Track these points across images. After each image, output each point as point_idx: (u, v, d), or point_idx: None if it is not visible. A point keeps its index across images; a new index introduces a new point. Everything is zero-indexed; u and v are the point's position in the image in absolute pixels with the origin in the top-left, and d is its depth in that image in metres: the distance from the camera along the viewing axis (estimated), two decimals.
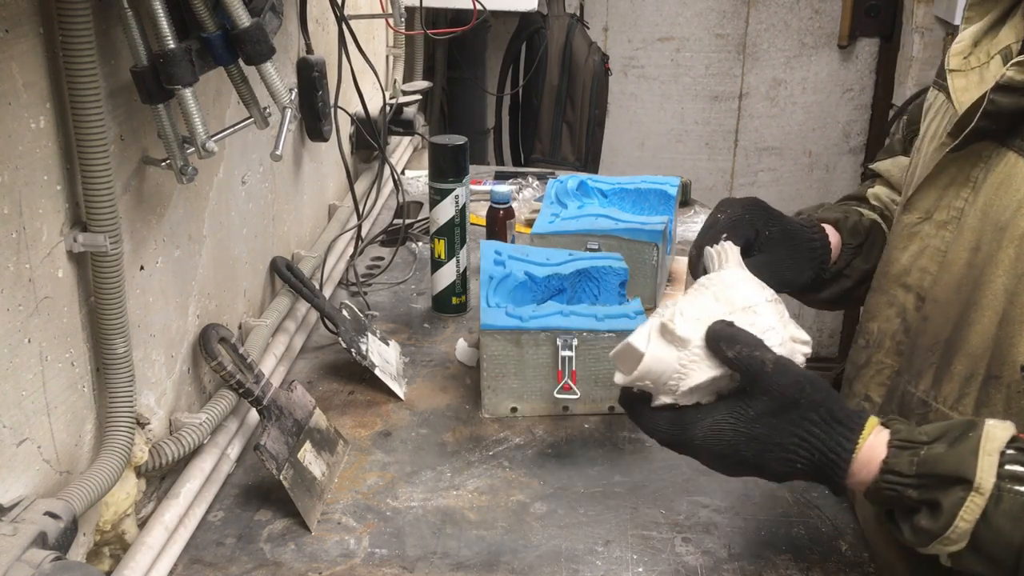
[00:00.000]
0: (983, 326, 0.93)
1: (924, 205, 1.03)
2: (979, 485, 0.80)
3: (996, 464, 0.81)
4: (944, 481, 0.82)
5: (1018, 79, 0.88)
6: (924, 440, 0.85)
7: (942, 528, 0.82)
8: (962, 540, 0.81)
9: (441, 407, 1.40)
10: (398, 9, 1.96)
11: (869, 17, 3.73)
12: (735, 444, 0.87)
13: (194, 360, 1.24)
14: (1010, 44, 0.96)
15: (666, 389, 0.92)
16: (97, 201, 0.92)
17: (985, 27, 1.00)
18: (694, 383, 0.90)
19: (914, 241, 1.05)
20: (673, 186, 1.81)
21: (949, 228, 1.00)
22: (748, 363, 0.87)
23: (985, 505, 0.80)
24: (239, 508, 1.17)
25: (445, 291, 1.66)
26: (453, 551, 1.09)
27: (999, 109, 0.90)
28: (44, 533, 0.81)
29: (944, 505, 0.81)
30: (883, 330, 1.10)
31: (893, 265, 1.08)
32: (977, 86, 0.96)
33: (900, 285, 1.07)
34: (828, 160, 3.93)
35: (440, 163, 1.60)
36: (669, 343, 0.91)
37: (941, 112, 1.05)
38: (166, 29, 0.93)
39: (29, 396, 0.88)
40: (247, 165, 1.41)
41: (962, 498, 0.81)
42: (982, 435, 0.82)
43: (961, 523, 0.81)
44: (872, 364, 1.11)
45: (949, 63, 1.00)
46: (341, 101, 1.76)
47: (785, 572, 1.06)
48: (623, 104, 3.88)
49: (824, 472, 0.87)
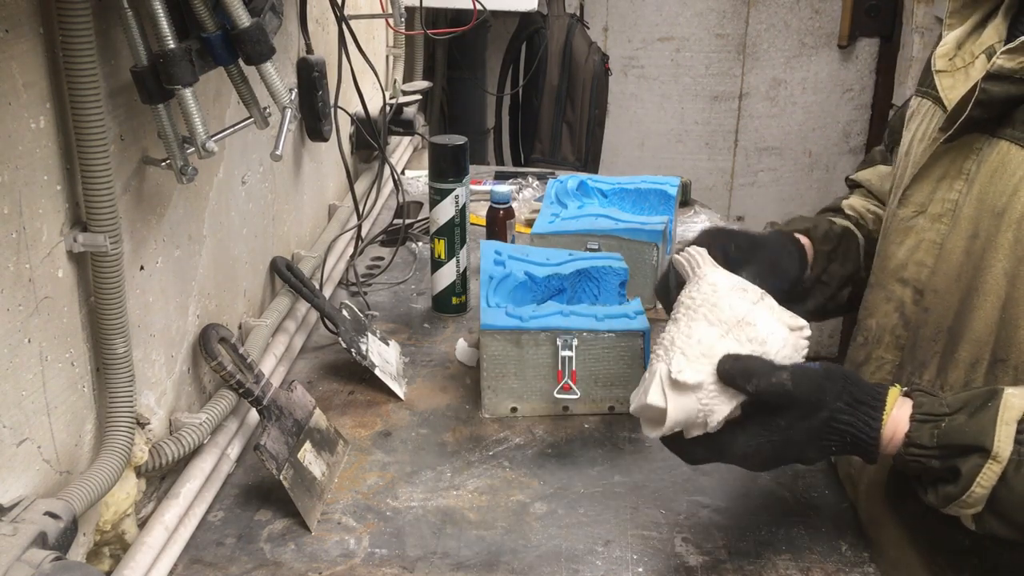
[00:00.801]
0: (986, 311, 0.95)
1: (918, 199, 1.05)
2: (996, 454, 0.84)
3: (1014, 432, 0.84)
4: (964, 450, 0.86)
5: (1008, 67, 0.90)
6: (945, 412, 0.89)
7: (960, 492, 0.86)
8: (978, 504, 0.86)
9: (441, 407, 1.40)
10: (398, 9, 1.96)
11: (869, 17, 3.73)
12: (775, 453, 0.92)
13: (194, 360, 1.24)
14: (993, 44, 0.99)
15: (696, 426, 0.94)
16: (97, 201, 0.92)
17: (968, 30, 1.04)
18: (722, 416, 0.93)
19: (909, 235, 1.06)
20: (673, 186, 1.81)
21: (944, 220, 1.01)
22: (770, 390, 0.90)
23: (1004, 470, 0.84)
24: (239, 508, 1.17)
25: (445, 291, 1.66)
26: (453, 551, 1.09)
27: (991, 98, 0.92)
28: (44, 533, 0.81)
29: (963, 471, 0.86)
30: (882, 325, 1.11)
31: (890, 260, 1.09)
32: (964, 84, 0.99)
33: (897, 280, 1.08)
34: (828, 160, 3.93)
35: (440, 163, 1.60)
36: (684, 391, 0.93)
37: (927, 116, 1.07)
38: (166, 29, 0.93)
39: (29, 396, 0.88)
40: (247, 165, 1.41)
41: (979, 465, 0.85)
42: (1001, 404, 0.86)
43: (978, 488, 0.85)
44: (872, 360, 1.12)
45: (935, 64, 1.04)
46: (341, 101, 1.76)
47: (785, 572, 1.06)
48: (623, 104, 3.88)
49: (856, 450, 0.92)
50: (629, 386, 1.34)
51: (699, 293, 0.99)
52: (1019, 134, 0.91)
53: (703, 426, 0.94)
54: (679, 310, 1.00)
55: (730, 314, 0.96)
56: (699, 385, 0.92)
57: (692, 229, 2.08)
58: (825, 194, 3.93)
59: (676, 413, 0.92)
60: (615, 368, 1.34)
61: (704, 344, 0.94)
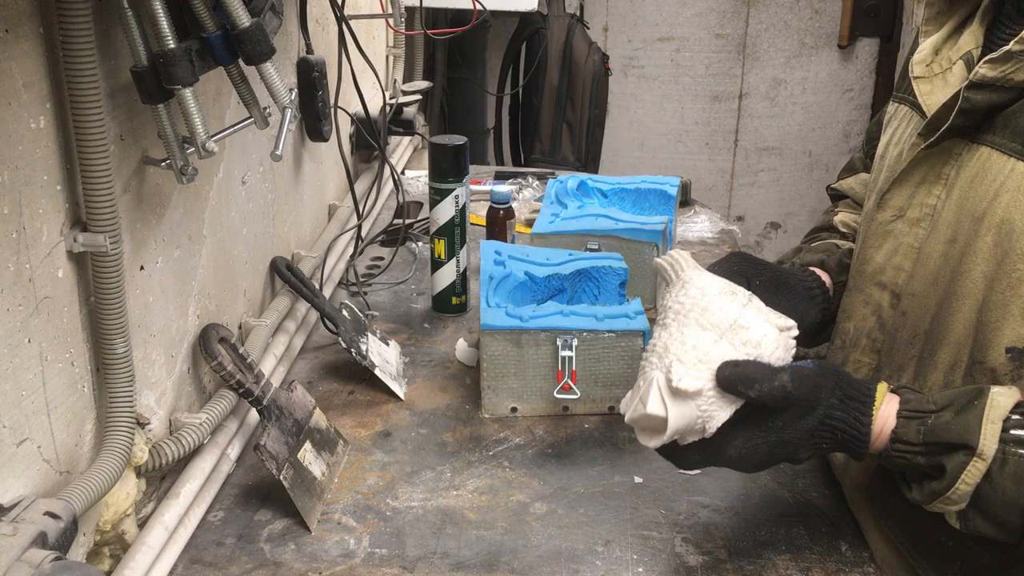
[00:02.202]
0: (963, 314, 0.95)
1: (897, 203, 1.05)
2: (982, 451, 0.85)
3: (999, 431, 0.85)
4: (950, 447, 0.87)
5: (991, 76, 0.91)
6: (932, 409, 0.90)
7: (944, 488, 0.87)
8: (963, 500, 0.86)
9: (441, 407, 1.40)
10: (398, 9, 1.96)
11: (869, 17, 3.73)
12: (770, 453, 0.93)
13: (194, 360, 1.24)
14: (970, 49, 1.01)
15: (694, 433, 0.94)
16: (97, 201, 0.92)
17: (944, 36, 1.05)
18: (720, 422, 0.93)
19: (888, 239, 1.07)
20: (673, 186, 1.81)
21: (922, 225, 1.02)
22: (772, 394, 0.91)
23: (989, 468, 0.85)
24: (239, 508, 1.17)
25: (445, 291, 1.66)
26: (453, 551, 1.09)
27: (973, 106, 0.93)
28: (44, 533, 0.81)
29: (948, 468, 0.86)
30: (859, 329, 1.12)
31: (868, 264, 1.10)
32: (942, 89, 1.01)
33: (875, 284, 1.09)
34: (828, 160, 3.93)
35: (440, 163, 1.60)
36: (684, 399, 0.92)
37: (904, 121, 1.08)
38: (166, 29, 0.93)
39: (29, 396, 0.88)
40: (247, 165, 1.41)
41: (964, 463, 0.86)
42: (987, 403, 0.87)
43: (962, 485, 0.86)
44: (849, 363, 1.13)
45: (913, 71, 1.06)
46: (341, 101, 1.76)
47: (785, 572, 1.06)
48: (623, 104, 3.88)
49: (847, 447, 0.93)
50: (629, 386, 1.34)
51: (687, 297, 0.98)
52: (1000, 140, 0.92)
53: (700, 432, 0.93)
54: (667, 315, 0.99)
55: (722, 317, 0.96)
56: (699, 392, 0.92)
57: (692, 229, 2.09)
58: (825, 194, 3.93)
59: (676, 421, 0.92)
60: (615, 368, 1.34)
61: (700, 350, 0.94)
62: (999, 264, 0.91)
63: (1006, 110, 0.92)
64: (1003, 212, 0.91)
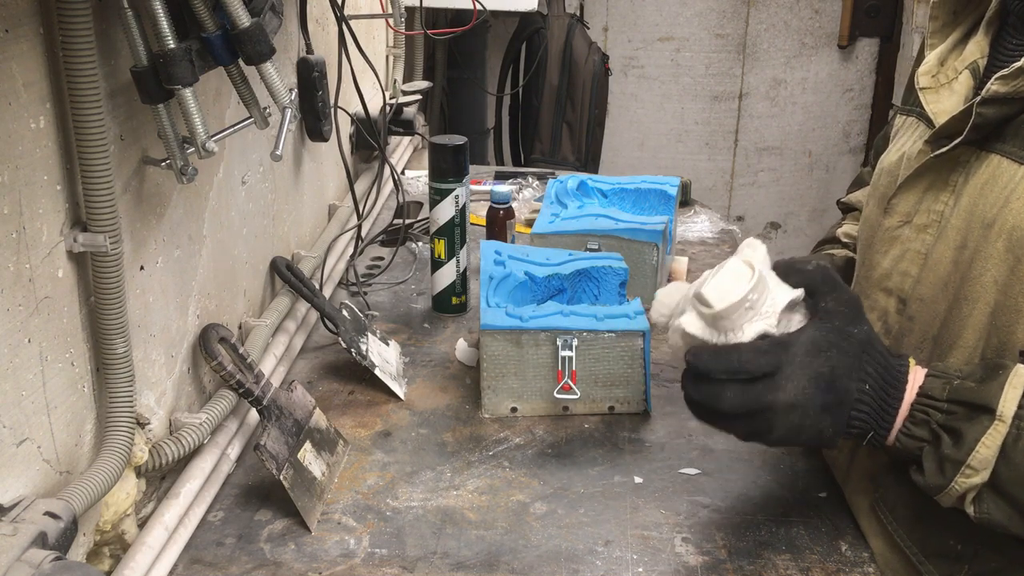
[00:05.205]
0: (975, 319, 0.96)
1: (904, 208, 1.06)
2: (1001, 414, 0.86)
3: (1019, 396, 0.86)
4: (971, 410, 0.87)
5: (1003, 91, 0.93)
6: (957, 375, 0.91)
7: (964, 455, 0.86)
8: (984, 469, 0.86)
9: (441, 407, 1.40)
10: (398, 9, 1.96)
11: (869, 17, 3.73)
12: (830, 358, 0.91)
13: (194, 360, 1.24)
14: (976, 59, 1.03)
15: (763, 313, 0.93)
16: (97, 201, 0.92)
17: (949, 47, 1.07)
18: (786, 301, 0.93)
19: (895, 245, 1.07)
20: (673, 186, 1.81)
21: (930, 231, 1.03)
22: (823, 270, 0.94)
23: (1004, 441, 0.85)
24: (239, 508, 1.17)
25: (445, 291, 1.66)
26: (453, 551, 1.09)
27: (986, 120, 0.95)
28: (44, 533, 0.81)
29: (967, 434, 0.87)
30: None
31: (874, 270, 1.11)
32: (948, 98, 1.03)
33: (881, 289, 1.09)
34: (828, 160, 3.93)
35: (440, 163, 1.60)
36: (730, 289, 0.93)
37: (911, 130, 1.10)
38: (166, 29, 0.93)
39: (29, 396, 0.88)
40: (247, 165, 1.41)
41: (985, 426, 0.86)
42: (1012, 372, 0.88)
43: (982, 448, 0.86)
44: None
45: (919, 82, 1.06)
46: (341, 101, 1.76)
47: (785, 572, 1.06)
48: (623, 104, 3.88)
49: (886, 390, 0.93)
50: (629, 386, 1.35)
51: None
52: (1010, 148, 0.94)
53: (766, 316, 0.92)
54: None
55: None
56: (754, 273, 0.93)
57: (692, 229, 2.09)
58: (825, 194, 3.94)
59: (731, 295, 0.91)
60: (615, 368, 1.34)
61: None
62: (1012, 269, 0.92)
63: (1016, 119, 0.94)
64: (1014, 218, 0.92)
